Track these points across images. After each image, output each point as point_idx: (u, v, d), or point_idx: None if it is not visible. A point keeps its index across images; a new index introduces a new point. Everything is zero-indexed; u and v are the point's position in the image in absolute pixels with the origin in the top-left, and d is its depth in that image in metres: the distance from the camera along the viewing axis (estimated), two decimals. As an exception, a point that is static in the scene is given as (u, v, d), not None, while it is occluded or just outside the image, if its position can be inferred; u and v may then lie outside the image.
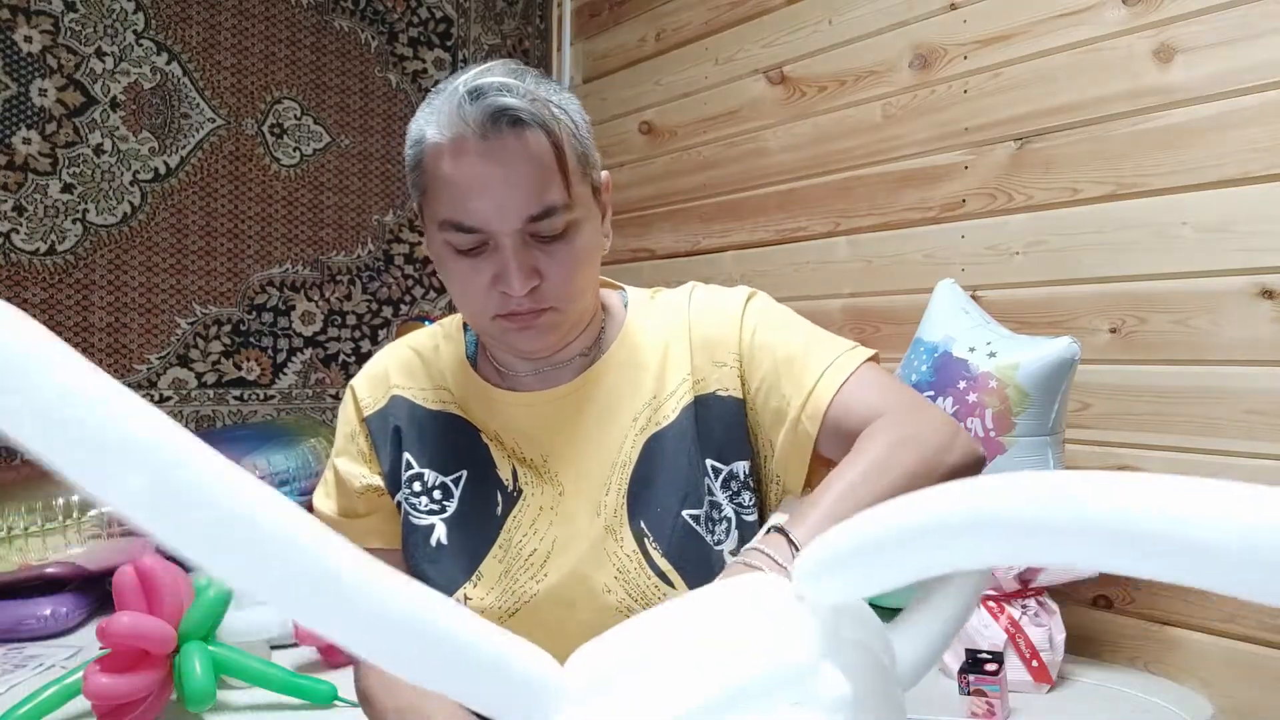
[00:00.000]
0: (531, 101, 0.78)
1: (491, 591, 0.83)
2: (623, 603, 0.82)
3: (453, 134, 0.78)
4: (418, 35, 2.77)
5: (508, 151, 0.77)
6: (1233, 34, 1.47)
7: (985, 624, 1.50)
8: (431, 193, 0.81)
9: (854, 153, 2.06)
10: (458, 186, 0.78)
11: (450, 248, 0.81)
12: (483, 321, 0.83)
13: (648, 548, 0.83)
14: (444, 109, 0.79)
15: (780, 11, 2.23)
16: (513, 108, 0.77)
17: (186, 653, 1.32)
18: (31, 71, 2.25)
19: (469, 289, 0.81)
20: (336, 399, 2.66)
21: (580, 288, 0.83)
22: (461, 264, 0.81)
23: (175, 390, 2.43)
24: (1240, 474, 1.47)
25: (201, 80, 2.45)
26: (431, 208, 0.82)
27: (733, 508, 0.86)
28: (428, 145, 0.80)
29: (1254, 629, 1.47)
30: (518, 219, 0.78)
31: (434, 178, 0.80)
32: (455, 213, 0.78)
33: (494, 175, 0.77)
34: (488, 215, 0.78)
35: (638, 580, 0.82)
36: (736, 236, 2.33)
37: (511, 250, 0.78)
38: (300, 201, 2.60)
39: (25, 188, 2.25)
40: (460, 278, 0.81)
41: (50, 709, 1.29)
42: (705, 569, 0.83)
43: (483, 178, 0.77)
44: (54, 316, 2.29)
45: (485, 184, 0.77)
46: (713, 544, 0.84)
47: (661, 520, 0.83)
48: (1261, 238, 1.44)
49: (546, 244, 0.80)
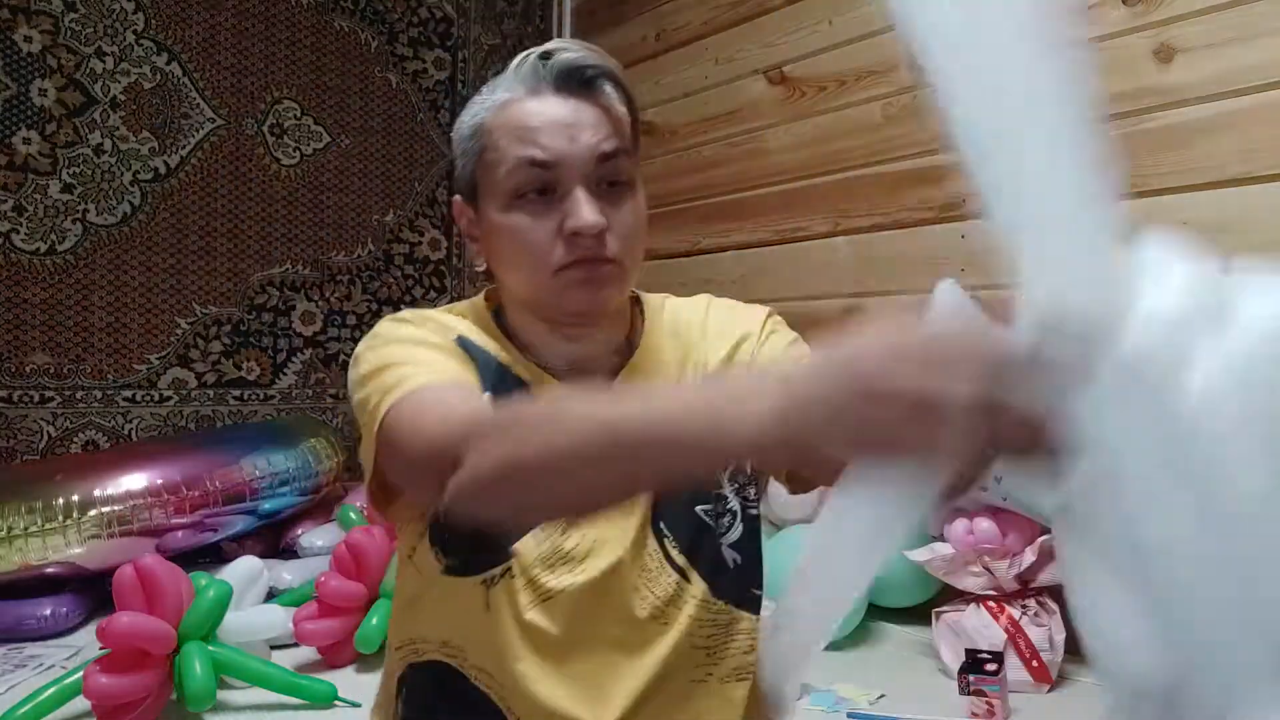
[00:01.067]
0: (599, 59, 0.84)
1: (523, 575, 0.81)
2: (646, 600, 0.82)
3: (527, 87, 0.82)
4: (418, 35, 2.77)
5: (582, 99, 0.83)
6: (1232, 34, 1.47)
7: (985, 624, 1.50)
8: (495, 147, 0.82)
9: (854, 153, 2.06)
10: (532, 127, 0.81)
11: (514, 200, 0.81)
12: (543, 276, 0.81)
13: (667, 547, 0.84)
14: (512, 77, 0.83)
15: (780, 11, 2.23)
16: (588, 63, 0.82)
17: (186, 653, 1.32)
18: (31, 71, 2.25)
19: (533, 239, 0.81)
20: (336, 399, 2.66)
21: (638, 247, 0.85)
22: (523, 216, 0.81)
23: (175, 390, 2.43)
24: (1240, 474, 1.47)
25: (201, 80, 2.45)
26: (494, 160, 0.82)
27: (738, 500, 0.87)
28: (495, 103, 0.83)
29: (1254, 629, 1.47)
30: (590, 155, 0.80)
31: (502, 128, 0.82)
32: (529, 150, 0.80)
33: (568, 115, 0.81)
34: (562, 150, 0.80)
35: (659, 578, 0.83)
36: (736, 236, 2.33)
37: (583, 190, 0.80)
38: (300, 201, 2.60)
39: (25, 188, 2.25)
40: (523, 230, 0.81)
41: (50, 709, 1.28)
42: (713, 563, 0.84)
43: (560, 116, 0.81)
44: (54, 316, 2.29)
45: (560, 121, 0.81)
46: (719, 535, 0.85)
47: (678, 518, 0.84)
48: (1262, 237, 1.44)
49: (611, 196, 0.82)
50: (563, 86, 0.82)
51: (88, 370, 2.32)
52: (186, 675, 1.29)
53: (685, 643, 0.83)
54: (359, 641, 1.52)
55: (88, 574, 1.82)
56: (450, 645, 0.83)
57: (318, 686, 1.39)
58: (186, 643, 1.33)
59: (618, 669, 0.81)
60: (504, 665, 0.79)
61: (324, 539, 2.07)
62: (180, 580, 1.39)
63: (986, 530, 1.53)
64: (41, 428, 2.27)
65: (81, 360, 2.32)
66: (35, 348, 2.27)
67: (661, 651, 0.82)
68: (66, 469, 1.90)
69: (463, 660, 0.82)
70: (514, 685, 0.80)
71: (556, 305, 0.83)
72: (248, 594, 1.66)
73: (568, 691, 0.80)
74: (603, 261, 0.81)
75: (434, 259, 2.81)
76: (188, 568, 1.53)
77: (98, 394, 2.34)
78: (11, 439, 2.24)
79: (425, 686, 0.85)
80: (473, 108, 0.85)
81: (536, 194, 0.80)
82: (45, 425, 2.28)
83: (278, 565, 1.94)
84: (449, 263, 2.84)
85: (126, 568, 1.37)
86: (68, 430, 2.30)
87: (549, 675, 0.80)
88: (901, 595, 1.81)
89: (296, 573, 1.93)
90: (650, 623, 0.82)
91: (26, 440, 2.25)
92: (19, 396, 2.25)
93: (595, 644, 0.80)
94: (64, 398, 2.30)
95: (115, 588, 1.35)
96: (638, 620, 0.82)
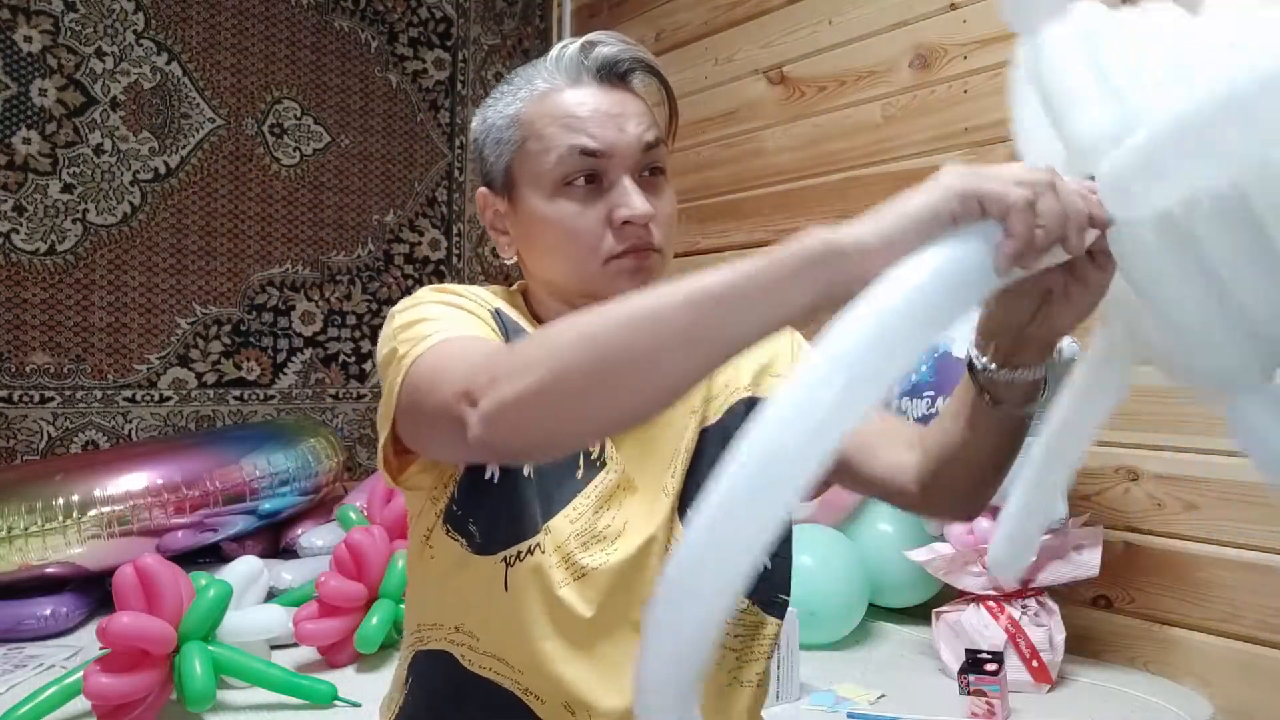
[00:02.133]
0: (639, 53, 0.86)
1: (557, 553, 0.80)
2: None
3: (569, 78, 0.84)
4: (418, 35, 2.77)
5: (625, 91, 0.85)
6: (1232, 34, 1.47)
7: (985, 624, 1.50)
8: (540, 137, 0.83)
9: (853, 153, 2.06)
10: (580, 116, 0.82)
11: (562, 189, 0.82)
12: (593, 266, 0.82)
13: None
14: (550, 67, 0.85)
15: (780, 11, 2.23)
16: (628, 55, 0.85)
17: (186, 653, 1.32)
18: (31, 71, 2.25)
19: (581, 229, 0.82)
20: (336, 399, 2.66)
21: (673, 241, 0.87)
22: (571, 204, 0.82)
23: (175, 390, 2.43)
24: (1240, 474, 1.47)
25: (201, 80, 2.46)
26: (539, 150, 0.83)
27: None
28: (536, 94, 0.84)
29: (1254, 629, 1.47)
30: (638, 146, 0.83)
31: (547, 117, 0.83)
32: (580, 139, 0.81)
33: (616, 106, 0.83)
34: (613, 140, 0.82)
35: None
36: (735, 236, 2.33)
37: (630, 179, 0.82)
38: (300, 201, 2.60)
39: (25, 188, 2.25)
40: (570, 220, 0.82)
41: (50, 709, 1.28)
42: None
43: (607, 106, 0.83)
44: (54, 316, 2.29)
45: (609, 113, 0.83)
46: None
47: None
48: None
49: (652, 184, 0.84)
50: (605, 78, 0.84)
51: (88, 370, 2.32)
52: (186, 675, 1.29)
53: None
54: (359, 641, 1.52)
55: (88, 574, 1.82)
56: (463, 630, 0.82)
57: (318, 686, 1.39)
58: (186, 643, 1.33)
59: None
60: (526, 645, 0.79)
61: (324, 539, 2.07)
62: (180, 580, 1.39)
63: (986, 530, 1.52)
64: (41, 428, 2.27)
65: (81, 360, 2.32)
66: (35, 348, 2.27)
67: None
68: (66, 469, 1.89)
69: (473, 646, 0.82)
70: (536, 666, 0.79)
71: (603, 293, 0.84)
72: (248, 594, 1.66)
73: (592, 674, 0.80)
74: (650, 250, 0.83)
75: (434, 259, 2.81)
76: (188, 568, 1.53)
77: (98, 394, 2.34)
78: (11, 439, 2.24)
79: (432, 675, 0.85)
80: (502, 100, 0.86)
81: (585, 182, 0.82)
82: (45, 425, 2.28)
83: (278, 565, 1.94)
84: (449, 263, 2.84)
85: (126, 568, 1.36)
86: (68, 430, 2.30)
87: (575, 657, 0.80)
88: (901, 595, 1.81)
89: (296, 573, 1.92)
90: None
91: (26, 440, 2.25)
92: (19, 396, 2.25)
93: (623, 627, 0.80)
94: (64, 398, 2.30)
95: (115, 588, 1.35)
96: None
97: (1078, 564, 1.49)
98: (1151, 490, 1.59)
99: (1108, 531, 1.56)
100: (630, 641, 0.80)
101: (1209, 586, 1.52)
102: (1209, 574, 1.52)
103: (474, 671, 0.81)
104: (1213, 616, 1.52)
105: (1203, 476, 1.52)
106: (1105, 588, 1.63)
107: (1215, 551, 1.52)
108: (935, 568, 1.56)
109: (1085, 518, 1.57)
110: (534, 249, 0.86)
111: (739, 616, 0.85)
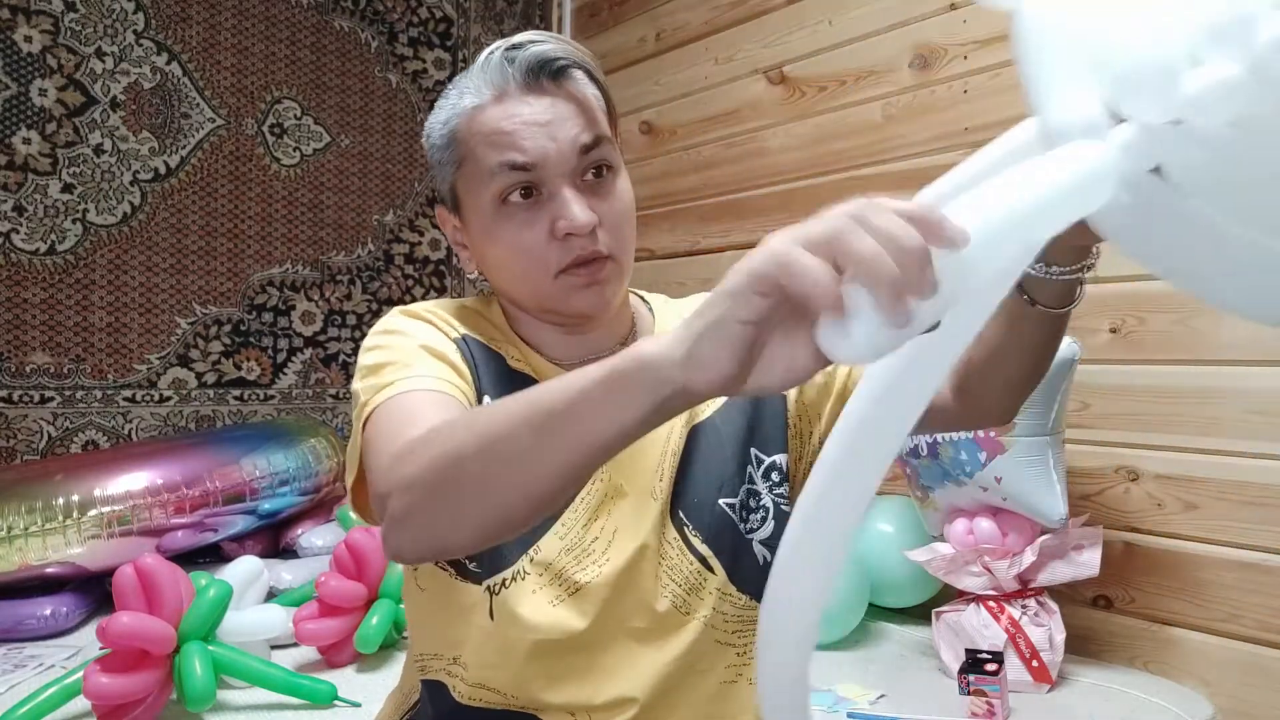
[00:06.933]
0: (567, 48, 0.82)
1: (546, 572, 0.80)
2: (668, 589, 0.82)
3: (495, 90, 0.81)
4: (418, 35, 2.77)
5: (554, 95, 0.81)
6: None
7: (985, 624, 1.50)
8: (473, 157, 0.81)
9: (854, 153, 2.06)
10: (507, 131, 0.79)
11: (500, 207, 0.80)
12: (543, 283, 0.81)
13: (688, 535, 0.84)
14: (478, 77, 0.82)
15: (780, 11, 2.23)
16: (553, 54, 0.80)
17: (186, 653, 1.32)
18: (31, 71, 2.25)
19: (526, 246, 0.80)
20: (336, 399, 2.66)
21: (629, 235, 0.84)
22: (514, 223, 0.80)
23: (175, 390, 2.43)
24: (1240, 474, 1.47)
25: (201, 80, 2.45)
26: (474, 171, 0.81)
27: (772, 498, 0.87)
28: (466, 110, 0.82)
29: (1254, 629, 1.47)
30: (573, 151, 0.79)
31: (478, 136, 0.81)
32: (509, 154, 0.79)
33: (544, 114, 0.80)
34: (544, 150, 0.79)
35: (680, 566, 0.83)
36: (736, 237, 2.33)
37: (569, 188, 0.79)
38: (300, 201, 2.60)
39: (25, 188, 2.25)
40: (515, 237, 0.80)
41: (50, 709, 1.28)
42: (737, 556, 0.84)
43: (534, 116, 0.79)
44: (54, 316, 2.29)
45: (537, 122, 0.79)
46: (745, 532, 0.85)
47: (699, 509, 0.84)
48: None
49: (597, 188, 0.81)
50: (532, 83, 0.80)
51: (88, 370, 2.32)
52: (186, 675, 1.29)
53: (709, 636, 0.82)
54: (359, 641, 1.52)
55: (88, 574, 1.82)
56: (459, 662, 0.81)
57: (318, 686, 1.39)
58: (186, 643, 1.33)
59: (639, 661, 0.80)
60: (514, 671, 0.79)
61: (324, 539, 2.07)
62: (180, 580, 1.39)
63: (986, 530, 1.53)
64: (41, 428, 2.27)
65: (81, 360, 2.32)
66: (35, 348, 2.27)
67: (684, 642, 0.81)
68: (66, 469, 1.89)
69: (463, 678, 0.81)
70: (528, 693, 0.79)
71: (560, 309, 0.83)
72: (248, 594, 1.66)
73: (587, 684, 0.79)
74: (600, 260, 0.81)
75: (434, 259, 2.81)
76: (188, 568, 1.54)
77: (98, 394, 2.34)
78: (11, 439, 2.24)
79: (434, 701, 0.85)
80: (442, 112, 0.84)
81: (522, 197, 0.80)
82: (45, 425, 2.28)
83: (278, 565, 1.94)
84: (449, 263, 2.84)
85: (126, 568, 1.36)
86: (68, 430, 2.30)
87: (567, 673, 0.79)
88: (901, 595, 1.81)
89: (296, 573, 1.93)
90: (672, 613, 0.82)
91: (26, 440, 2.25)
92: (19, 396, 2.25)
93: (619, 635, 0.80)
94: (64, 398, 2.30)
95: (115, 588, 1.35)
96: (659, 610, 0.81)
97: (1078, 564, 1.50)
98: (1151, 490, 1.59)
99: (1108, 531, 1.56)
100: (626, 647, 0.80)
101: (1209, 586, 1.52)
102: (1209, 574, 1.52)
103: (463, 703, 0.81)
104: (1213, 616, 1.52)
105: (1202, 476, 1.52)
106: (1105, 588, 1.63)
107: (1215, 551, 1.52)
108: (935, 567, 1.56)
109: (1085, 518, 1.57)
110: (488, 267, 0.85)
111: (740, 613, 0.85)
